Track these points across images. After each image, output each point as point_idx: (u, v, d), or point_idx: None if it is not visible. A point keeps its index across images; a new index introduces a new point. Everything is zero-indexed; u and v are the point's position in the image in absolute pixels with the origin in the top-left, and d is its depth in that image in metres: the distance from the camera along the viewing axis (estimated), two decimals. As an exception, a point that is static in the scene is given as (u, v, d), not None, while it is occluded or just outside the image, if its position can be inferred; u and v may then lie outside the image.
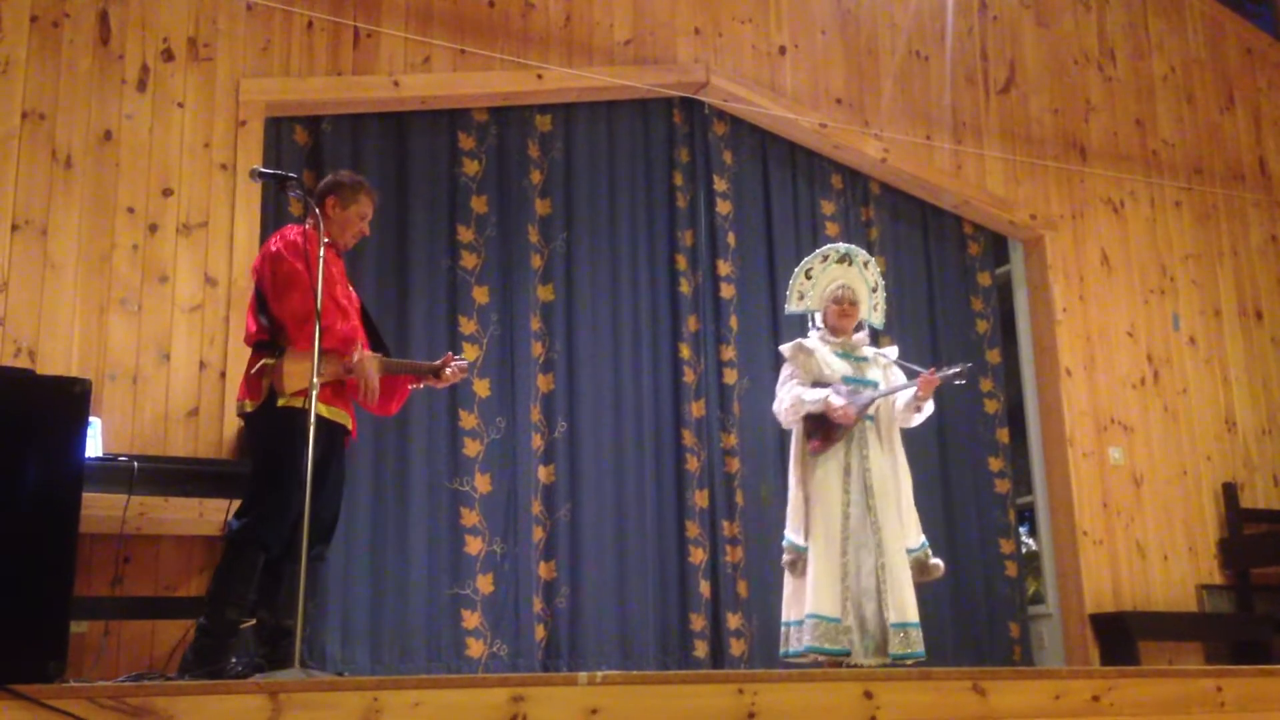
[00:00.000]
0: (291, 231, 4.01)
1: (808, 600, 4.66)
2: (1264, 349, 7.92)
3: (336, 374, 3.95)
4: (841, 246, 5.18)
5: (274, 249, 3.94)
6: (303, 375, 3.78)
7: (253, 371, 3.92)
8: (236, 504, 4.08)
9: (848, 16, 7.12)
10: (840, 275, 5.03)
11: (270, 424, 3.87)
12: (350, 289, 4.16)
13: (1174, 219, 7.84)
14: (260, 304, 3.98)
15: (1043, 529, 7.16)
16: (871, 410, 4.84)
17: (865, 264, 5.11)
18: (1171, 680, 3.82)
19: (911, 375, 4.90)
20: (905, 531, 4.81)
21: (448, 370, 4.19)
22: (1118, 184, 7.67)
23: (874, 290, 5.13)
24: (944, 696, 3.41)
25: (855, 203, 7.02)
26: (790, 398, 4.86)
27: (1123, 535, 7.03)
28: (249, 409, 3.93)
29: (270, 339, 3.93)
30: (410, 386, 4.29)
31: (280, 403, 3.84)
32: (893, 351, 5.15)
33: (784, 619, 4.83)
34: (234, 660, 3.78)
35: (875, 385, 4.89)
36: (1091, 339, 7.28)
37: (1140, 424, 7.29)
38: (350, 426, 4.11)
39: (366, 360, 3.96)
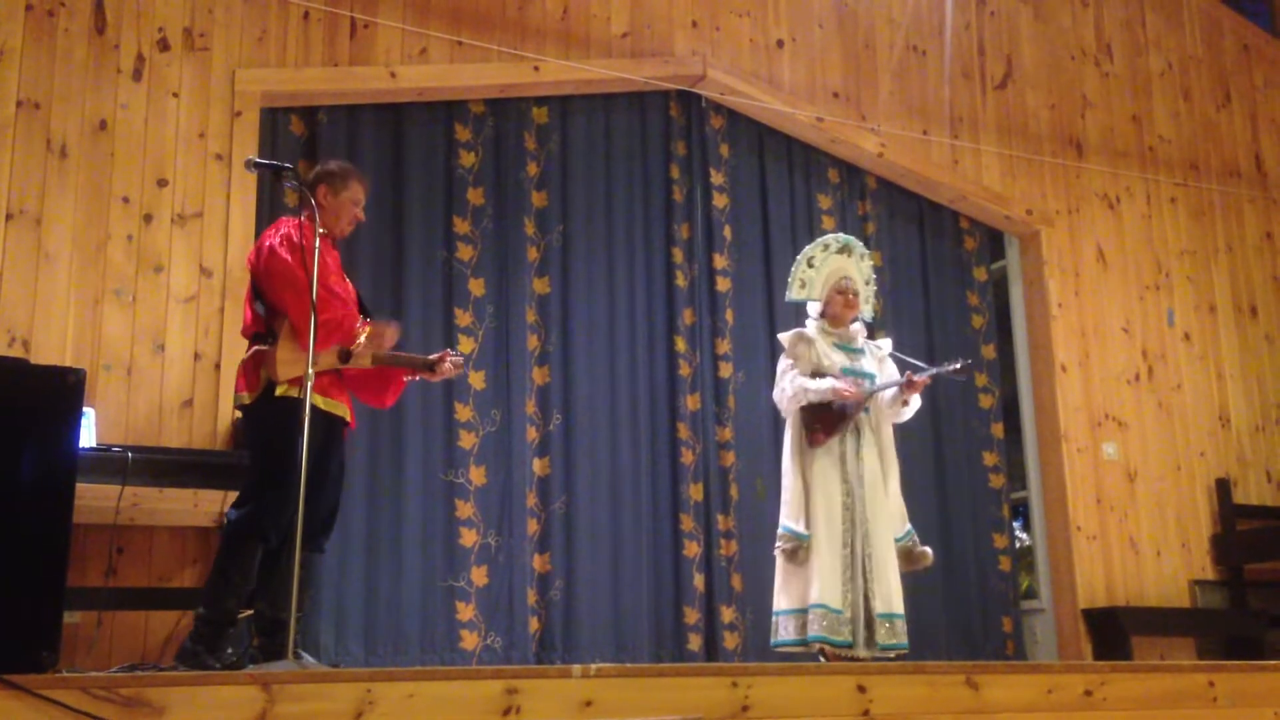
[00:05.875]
0: (286, 225, 3.99)
1: (813, 591, 4.67)
2: (1258, 345, 7.94)
3: (331, 364, 3.96)
4: (842, 237, 5.20)
5: (268, 244, 3.92)
6: (298, 362, 3.79)
7: (249, 361, 3.93)
8: (232, 495, 4.08)
9: (845, 10, 7.11)
10: (842, 266, 5.06)
11: (268, 415, 3.86)
12: (346, 280, 4.15)
13: (1169, 215, 7.85)
14: (256, 296, 3.97)
15: (1036, 524, 7.17)
16: (867, 403, 4.87)
17: (862, 256, 5.15)
18: (1164, 675, 3.82)
19: (907, 370, 4.93)
20: (892, 520, 4.84)
21: (444, 365, 4.18)
22: (1114, 180, 7.67)
23: (867, 283, 5.16)
24: (937, 690, 3.41)
25: (852, 197, 7.02)
26: (794, 387, 4.87)
27: (1116, 530, 7.05)
28: (246, 400, 3.92)
29: (266, 329, 3.93)
30: (405, 379, 4.28)
31: (278, 392, 3.83)
32: (887, 344, 5.16)
33: (776, 608, 4.83)
34: (229, 650, 3.79)
35: (872, 378, 4.92)
36: (1086, 334, 7.29)
37: (1134, 419, 7.30)
38: (348, 417, 4.11)
39: (364, 349, 3.98)
